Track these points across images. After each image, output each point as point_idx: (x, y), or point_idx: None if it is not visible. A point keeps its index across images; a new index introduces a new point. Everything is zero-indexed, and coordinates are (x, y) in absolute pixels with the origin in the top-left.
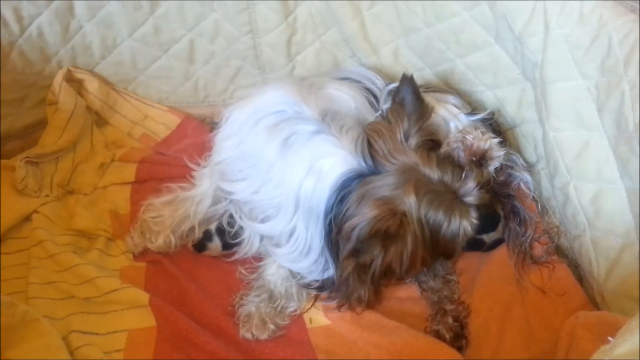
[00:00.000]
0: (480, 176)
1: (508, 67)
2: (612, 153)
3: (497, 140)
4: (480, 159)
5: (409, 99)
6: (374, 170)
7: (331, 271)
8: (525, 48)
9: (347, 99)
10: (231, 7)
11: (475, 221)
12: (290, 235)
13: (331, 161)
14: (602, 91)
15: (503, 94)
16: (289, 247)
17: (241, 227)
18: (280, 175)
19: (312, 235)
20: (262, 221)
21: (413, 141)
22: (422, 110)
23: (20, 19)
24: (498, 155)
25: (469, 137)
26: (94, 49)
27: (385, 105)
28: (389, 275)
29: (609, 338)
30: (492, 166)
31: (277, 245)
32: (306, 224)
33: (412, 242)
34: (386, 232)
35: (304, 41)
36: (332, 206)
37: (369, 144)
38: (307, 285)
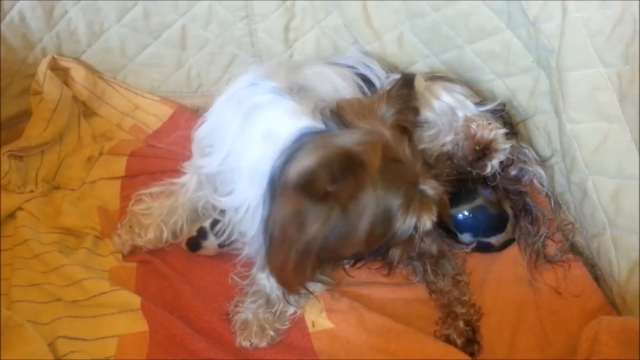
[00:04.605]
0: (450, 168)
1: (521, 54)
2: (634, 147)
3: (502, 131)
4: (484, 149)
5: (402, 94)
6: (335, 128)
7: None
8: (540, 33)
9: (326, 79)
10: None
11: (435, 219)
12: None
13: (287, 125)
14: (625, 80)
15: (514, 83)
16: (240, 215)
17: None
18: (240, 146)
19: (254, 196)
20: (227, 195)
21: (390, 119)
22: (411, 108)
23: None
24: (503, 147)
25: (473, 126)
26: (80, 35)
27: None
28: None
29: None
30: (497, 159)
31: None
32: (256, 191)
33: (366, 207)
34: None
35: (302, 27)
36: (280, 166)
37: (337, 109)
38: None
